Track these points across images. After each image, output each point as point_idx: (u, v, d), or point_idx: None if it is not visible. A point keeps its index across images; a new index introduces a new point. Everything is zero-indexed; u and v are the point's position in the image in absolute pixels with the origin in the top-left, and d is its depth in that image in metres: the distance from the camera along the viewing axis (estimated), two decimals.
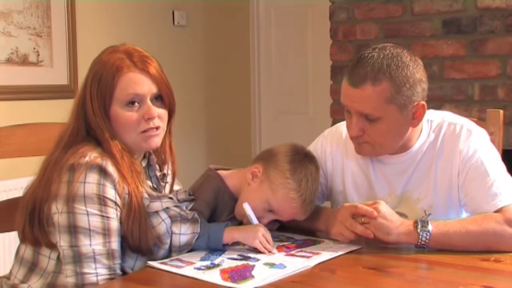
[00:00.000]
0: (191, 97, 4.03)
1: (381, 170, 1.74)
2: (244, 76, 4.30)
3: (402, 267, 1.44)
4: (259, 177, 1.65)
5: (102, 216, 1.40)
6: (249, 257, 1.48)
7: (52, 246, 1.44)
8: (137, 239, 1.45)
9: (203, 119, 4.23)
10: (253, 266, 1.41)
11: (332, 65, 3.55)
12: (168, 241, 1.50)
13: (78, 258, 1.38)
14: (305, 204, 1.62)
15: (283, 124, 4.20)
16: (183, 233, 1.53)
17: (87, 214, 1.39)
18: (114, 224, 1.42)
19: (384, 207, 1.54)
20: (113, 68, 1.47)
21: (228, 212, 1.68)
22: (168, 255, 1.51)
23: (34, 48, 3.16)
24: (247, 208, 1.58)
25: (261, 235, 1.52)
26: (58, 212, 1.40)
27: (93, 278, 1.38)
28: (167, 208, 1.52)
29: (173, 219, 1.52)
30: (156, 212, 1.50)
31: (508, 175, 1.66)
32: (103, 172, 1.41)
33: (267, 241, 1.53)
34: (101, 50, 1.57)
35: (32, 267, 1.48)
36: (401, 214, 1.62)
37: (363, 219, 1.53)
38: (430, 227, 1.51)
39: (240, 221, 1.68)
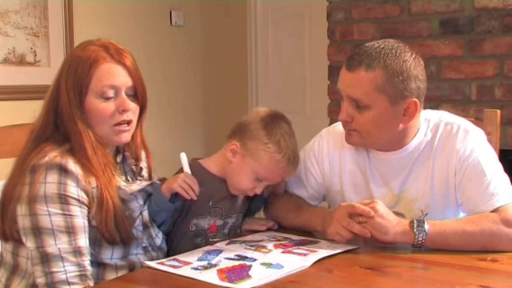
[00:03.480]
0: (189, 97, 4.03)
1: (378, 168, 1.74)
2: (242, 76, 4.30)
3: (399, 267, 1.44)
4: (238, 152, 1.67)
5: (65, 214, 1.39)
6: (246, 257, 1.48)
7: (20, 244, 1.44)
8: (113, 230, 1.45)
9: (201, 119, 4.22)
10: (250, 266, 1.41)
11: (329, 65, 3.55)
12: (137, 222, 1.53)
13: (45, 259, 1.38)
14: (291, 161, 1.66)
15: None
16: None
17: (49, 215, 1.38)
18: (79, 221, 1.41)
19: (381, 207, 1.54)
20: (90, 59, 1.48)
21: (217, 197, 1.69)
22: (137, 232, 1.53)
23: (31, 48, 3.16)
24: (183, 157, 1.63)
25: (180, 180, 1.57)
26: (21, 215, 1.40)
27: (62, 276, 1.38)
28: (144, 188, 1.56)
29: (145, 201, 1.56)
30: (135, 196, 1.53)
31: (505, 175, 1.66)
32: (63, 170, 1.41)
33: (189, 186, 1.57)
34: None
35: (14, 270, 1.48)
36: (399, 214, 1.62)
37: (360, 219, 1.54)
38: (426, 227, 1.51)
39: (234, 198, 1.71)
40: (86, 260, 1.42)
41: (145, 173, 1.68)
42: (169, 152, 1.83)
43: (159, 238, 1.60)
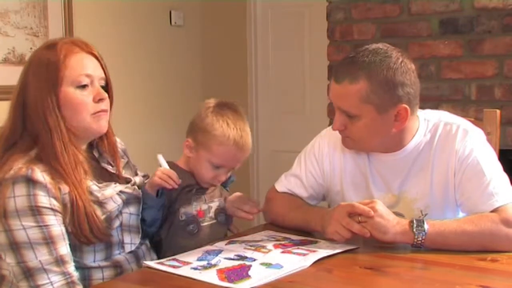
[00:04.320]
0: (188, 97, 4.03)
1: (378, 169, 1.74)
2: (241, 76, 4.30)
3: (398, 267, 1.44)
4: (193, 147, 1.75)
5: (40, 226, 1.37)
6: (246, 257, 1.48)
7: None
8: (88, 233, 1.43)
9: None
10: (249, 266, 1.41)
11: (329, 65, 3.55)
12: (117, 223, 1.52)
13: (28, 273, 1.36)
14: (239, 145, 1.71)
15: (280, 123, 4.19)
16: (133, 213, 1.57)
17: (24, 229, 1.36)
18: (56, 229, 1.39)
19: (381, 206, 1.54)
20: (62, 50, 1.48)
21: (195, 190, 1.76)
22: (118, 234, 1.52)
23: (31, 48, 3.15)
24: (160, 158, 1.71)
25: (159, 172, 1.63)
26: None
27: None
28: (121, 192, 1.55)
29: (126, 201, 1.55)
30: (111, 197, 1.51)
31: (504, 174, 1.66)
32: (30, 182, 1.37)
33: (168, 176, 1.63)
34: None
35: (0, 281, 1.45)
36: (398, 214, 1.62)
37: (360, 218, 1.54)
38: (426, 227, 1.51)
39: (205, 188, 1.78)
40: (70, 267, 1.40)
41: (125, 167, 1.67)
42: (169, 152, 1.84)
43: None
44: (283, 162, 2.17)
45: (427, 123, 1.72)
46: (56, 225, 1.39)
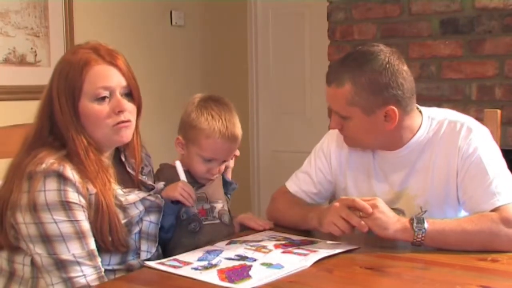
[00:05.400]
0: (189, 97, 4.03)
1: (381, 166, 1.76)
2: (242, 76, 4.30)
3: (398, 267, 1.44)
4: (183, 144, 1.77)
5: (71, 221, 1.39)
6: (247, 257, 1.48)
7: (14, 250, 1.44)
8: (107, 238, 1.44)
9: None
10: (250, 266, 1.41)
11: (329, 65, 3.55)
12: (136, 229, 1.52)
13: (61, 265, 1.38)
14: (225, 137, 1.72)
15: (281, 124, 4.20)
16: (153, 221, 1.57)
17: (55, 222, 1.37)
18: (85, 225, 1.41)
19: (382, 204, 1.56)
20: (81, 62, 1.47)
21: (199, 184, 1.77)
22: (136, 241, 1.53)
23: (31, 48, 3.16)
24: (178, 165, 1.71)
25: (180, 188, 1.63)
26: (24, 223, 1.38)
27: (82, 280, 1.38)
28: (143, 198, 1.55)
29: (148, 209, 1.55)
30: (134, 203, 1.52)
31: (508, 172, 1.66)
32: (61, 177, 1.39)
33: (189, 194, 1.64)
34: None
35: (11, 276, 1.47)
36: (399, 211, 1.63)
37: (360, 214, 1.54)
38: (426, 225, 1.51)
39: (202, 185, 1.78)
40: (100, 262, 1.43)
41: (148, 175, 1.68)
42: (170, 152, 1.84)
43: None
44: (284, 162, 2.18)
45: (431, 121, 1.73)
46: (85, 221, 1.42)
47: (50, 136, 1.48)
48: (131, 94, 1.52)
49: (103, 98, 1.47)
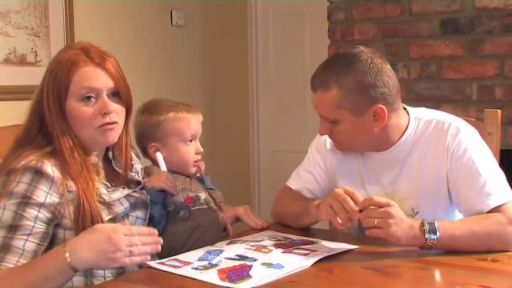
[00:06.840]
0: (189, 97, 4.02)
1: (371, 167, 1.77)
2: (242, 76, 4.30)
3: (399, 267, 1.44)
4: (160, 146, 1.84)
5: (16, 212, 1.38)
6: (247, 257, 1.48)
7: None
8: None
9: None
10: (250, 266, 1.41)
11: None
12: None
13: None
14: (187, 109, 1.86)
15: (280, 123, 4.20)
16: (140, 217, 1.58)
17: (3, 208, 1.38)
18: (27, 224, 1.38)
19: (396, 211, 1.50)
20: (69, 63, 1.48)
21: (181, 178, 1.84)
22: None
23: (32, 48, 3.16)
24: (159, 156, 1.81)
25: (165, 178, 1.72)
26: None
27: None
28: (128, 195, 1.56)
29: (134, 205, 1.56)
30: (119, 200, 1.53)
31: (500, 171, 1.66)
32: (38, 173, 1.40)
33: (172, 183, 1.73)
34: None
35: None
36: None
37: (376, 222, 1.49)
38: (438, 233, 1.48)
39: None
40: (10, 259, 1.37)
41: (136, 175, 1.68)
42: None
43: None
44: (284, 162, 2.18)
45: (418, 121, 1.73)
46: (31, 220, 1.39)
47: (39, 135, 1.49)
48: (119, 95, 1.53)
49: (89, 98, 1.48)
